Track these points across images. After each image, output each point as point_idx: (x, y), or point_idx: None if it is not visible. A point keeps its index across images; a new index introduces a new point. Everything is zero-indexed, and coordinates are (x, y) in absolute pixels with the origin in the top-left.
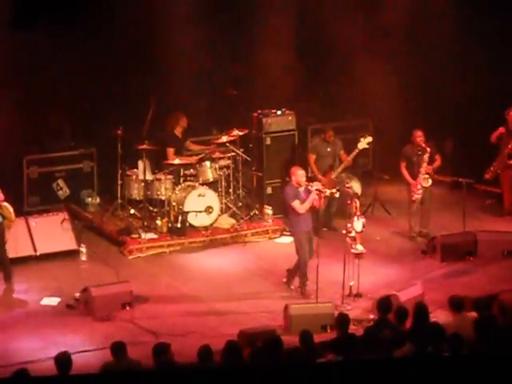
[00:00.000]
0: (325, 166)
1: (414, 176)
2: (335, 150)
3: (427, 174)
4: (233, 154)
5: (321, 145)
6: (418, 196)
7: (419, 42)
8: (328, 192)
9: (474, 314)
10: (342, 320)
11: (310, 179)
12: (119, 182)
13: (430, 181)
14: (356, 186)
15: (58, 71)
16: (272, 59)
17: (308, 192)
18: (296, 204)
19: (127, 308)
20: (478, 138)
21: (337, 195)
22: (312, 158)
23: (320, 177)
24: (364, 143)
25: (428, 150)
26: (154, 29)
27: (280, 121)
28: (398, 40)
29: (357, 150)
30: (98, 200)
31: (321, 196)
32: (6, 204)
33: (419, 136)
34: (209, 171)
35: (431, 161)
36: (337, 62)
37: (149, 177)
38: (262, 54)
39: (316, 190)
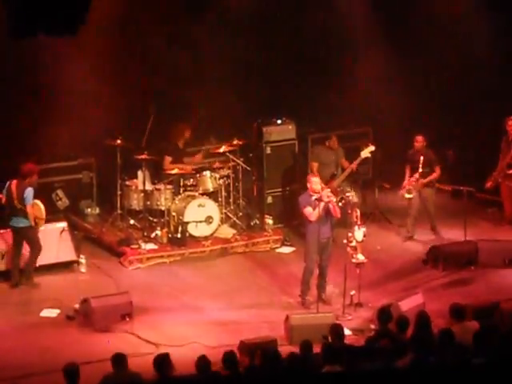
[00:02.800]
0: (327, 174)
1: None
2: (338, 158)
3: (412, 186)
4: (233, 163)
5: (324, 152)
6: (402, 192)
7: (421, 51)
8: (335, 200)
9: (475, 324)
10: (336, 330)
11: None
12: (119, 193)
13: (411, 195)
14: (356, 195)
15: (57, 80)
16: (273, 66)
17: (319, 200)
18: (307, 211)
19: (127, 319)
20: (480, 148)
21: (340, 204)
22: (315, 166)
23: (322, 185)
24: (366, 152)
25: (420, 168)
26: (154, 36)
27: (280, 130)
28: (400, 50)
29: (360, 159)
30: (97, 210)
31: (333, 204)
32: (37, 201)
33: (417, 141)
34: (209, 181)
35: (430, 170)
36: (338, 70)
37: (148, 187)
38: (263, 61)
39: (326, 196)
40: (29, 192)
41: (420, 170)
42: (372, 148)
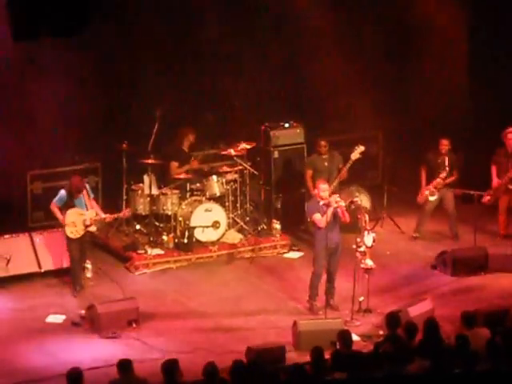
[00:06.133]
0: None
1: (430, 180)
2: (333, 165)
3: (435, 188)
4: (240, 167)
5: (318, 159)
6: (420, 198)
7: (428, 55)
8: (344, 205)
9: (485, 330)
10: (344, 336)
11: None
12: (124, 197)
13: (436, 196)
14: (365, 200)
15: (61, 84)
16: (279, 71)
17: (327, 206)
18: (316, 217)
19: (133, 325)
20: (490, 152)
21: (351, 206)
22: (309, 173)
23: (314, 192)
24: (357, 153)
25: (447, 168)
26: (159, 41)
27: (288, 134)
28: (408, 54)
29: (350, 162)
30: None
31: (342, 209)
32: (72, 210)
33: (443, 144)
34: (215, 185)
35: (449, 174)
36: (345, 75)
37: (154, 191)
38: (270, 66)
39: (335, 202)
40: (59, 193)
41: (447, 169)
42: (362, 148)
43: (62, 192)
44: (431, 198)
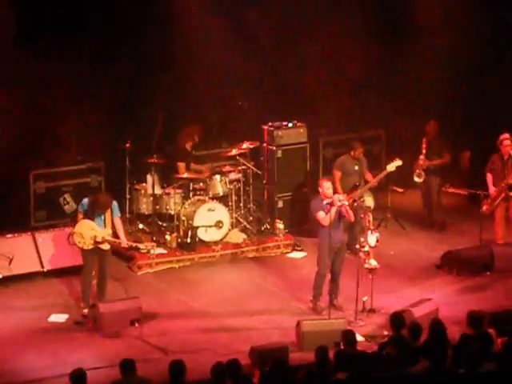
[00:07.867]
0: (350, 184)
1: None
2: (362, 168)
3: (419, 169)
4: (243, 167)
5: (349, 162)
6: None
7: (433, 54)
8: (347, 203)
9: (492, 331)
10: (348, 336)
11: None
12: (127, 197)
13: (421, 179)
14: (369, 200)
15: (64, 84)
16: (283, 70)
17: (331, 205)
18: (320, 215)
19: (136, 324)
20: (496, 150)
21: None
22: (338, 175)
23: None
24: (393, 166)
25: (423, 149)
26: (162, 42)
27: (291, 133)
28: (412, 53)
29: (385, 172)
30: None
31: (346, 208)
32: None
33: (428, 125)
34: (219, 185)
35: (438, 157)
36: (349, 74)
37: (158, 191)
38: (274, 65)
39: (338, 200)
40: (83, 201)
41: (423, 151)
42: (399, 163)
43: (85, 201)
44: (416, 179)
